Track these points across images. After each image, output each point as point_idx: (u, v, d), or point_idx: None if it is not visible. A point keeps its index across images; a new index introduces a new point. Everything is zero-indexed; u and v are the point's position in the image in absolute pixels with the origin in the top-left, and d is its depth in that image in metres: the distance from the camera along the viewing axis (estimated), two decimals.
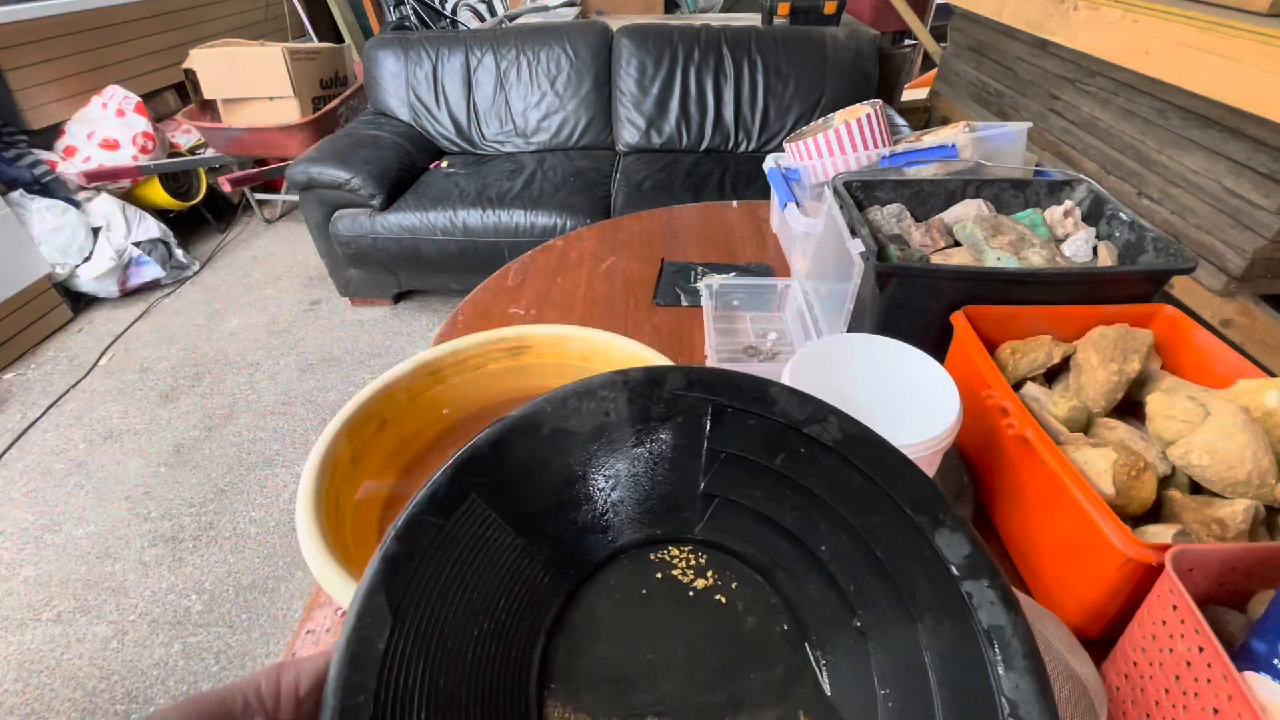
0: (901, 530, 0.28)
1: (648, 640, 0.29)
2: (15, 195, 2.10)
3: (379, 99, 2.34)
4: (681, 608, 0.29)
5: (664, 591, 0.30)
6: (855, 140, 0.97)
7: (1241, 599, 0.44)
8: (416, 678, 0.24)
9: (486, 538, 0.28)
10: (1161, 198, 1.39)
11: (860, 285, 0.67)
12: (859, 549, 0.29)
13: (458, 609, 0.26)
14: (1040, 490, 0.52)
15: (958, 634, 0.26)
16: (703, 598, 0.30)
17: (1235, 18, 1.14)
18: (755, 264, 1.08)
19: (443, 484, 0.27)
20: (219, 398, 1.94)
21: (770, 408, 0.30)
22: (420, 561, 0.26)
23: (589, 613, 0.29)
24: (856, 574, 0.29)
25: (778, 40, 2.20)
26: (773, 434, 0.29)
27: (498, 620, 0.27)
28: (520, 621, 0.28)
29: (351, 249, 2.06)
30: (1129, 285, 0.64)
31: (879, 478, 0.29)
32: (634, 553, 0.31)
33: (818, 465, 0.29)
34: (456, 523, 0.27)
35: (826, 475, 0.29)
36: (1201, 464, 0.49)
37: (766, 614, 0.30)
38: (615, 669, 0.28)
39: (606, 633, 0.29)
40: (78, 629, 1.35)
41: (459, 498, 0.27)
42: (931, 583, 0.27)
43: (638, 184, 2.03)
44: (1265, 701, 0.34)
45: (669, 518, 0.31)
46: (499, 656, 0.27)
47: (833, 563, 0.30)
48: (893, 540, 0.28)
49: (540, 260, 1.10)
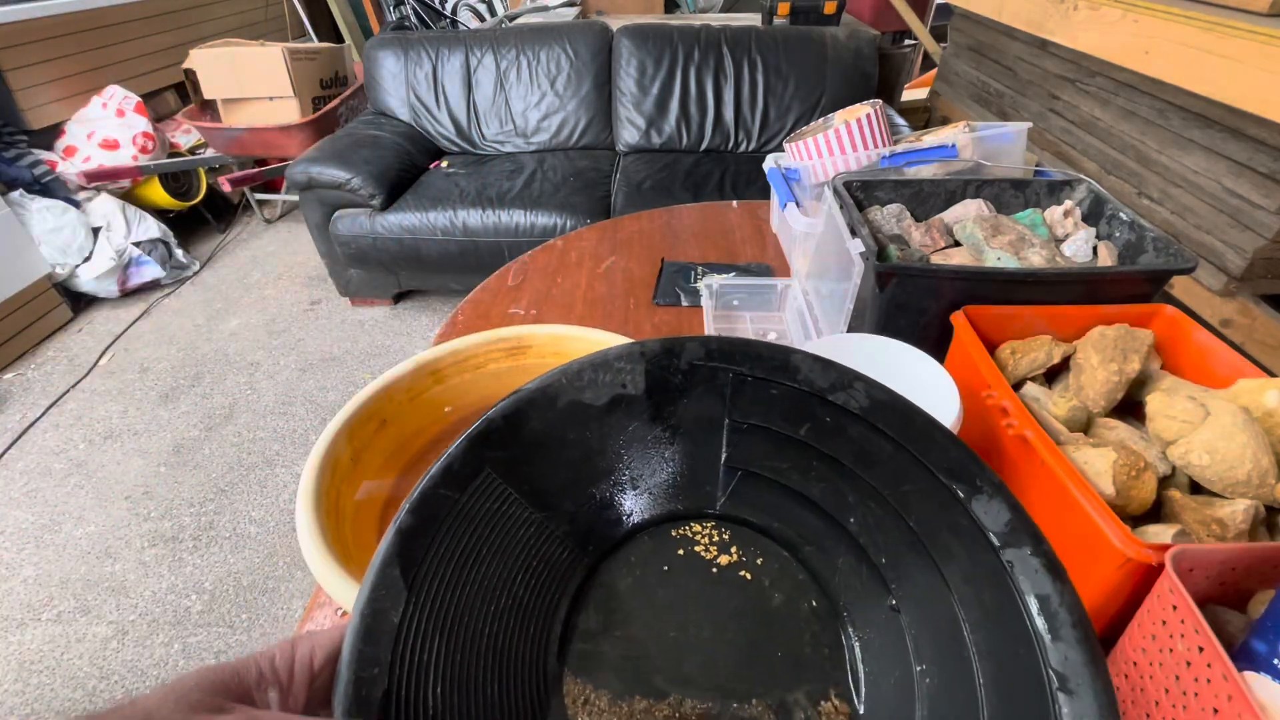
0: (935, 498, 0.27)
1: (670, 618, 0.28)
2: (15, 195, 2.10)
3: (379, 99, 2.34)
4: (705, 585, 0.29)
5: (686, 568, 0.29)
6: (855, 140, 0.97)
7: (1241, 599, 0.44)
8: (432, 652, 0.24)
9: (503, 512, 0.27)
10: (1161, 198, 1.39)
11: (860, 285, 0.67)
12: (891, 520, 0.28)
13: (474, 583, 0.26)
14: (1040, 490, 0.52)
15: (999, 605, 0.25)
16: (726, 574, 0.29)
17: (1235, 18, 1.14)
18: (755, 264, 1.08)
19: (457, 457, 0.26)
20: (219, 398, 1.94)
21: (793, 376, 0.29)
22: (435, 535, 0.25)
23: (609, 589, 0.29)
24: (889, 546, 0.28)
25: (778, 40, 2.20)
26: (796, 403, 0.28)
27: (515, 596, 0.27)
28: (539, 597, 0.27)
29: (351, 249, 2.06)
30: (1129, 285, 0.64)
31: (910, 445, 0.28)
32: (655, 529, 0.30)
33: (844, 434, 0.28)
34: (472, 497, 0.27)
35: (854, 444, 0.28)
36: (1201, 464, 0.49)
37: (794, 590, 0.29)
38: (636, 647, 0.27)
39: (627, 610, 0.28)
40: (78, 629, 1.35)
41: (474, 471, 0.27)
42: (969, 552, 0.26)
43: (638, 184, 2.03)
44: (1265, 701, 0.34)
45: (690, 493, 0.30)
46: (517, 632, 0.26)
47: (863, 535, 0.29)
48: (926, 509, 0.27)
49: (540, 260, 1.10)
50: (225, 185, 2.41)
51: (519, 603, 0.27)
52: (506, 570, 0.27)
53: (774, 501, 0.30)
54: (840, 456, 0.28)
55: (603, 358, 0.29)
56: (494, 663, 0.25)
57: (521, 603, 0.27)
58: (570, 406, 0.29)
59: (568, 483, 0.29)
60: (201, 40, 2.52)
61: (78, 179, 2.26)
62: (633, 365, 0.29)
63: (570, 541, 0.29)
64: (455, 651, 0.24)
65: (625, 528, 0.30)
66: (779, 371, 0.29)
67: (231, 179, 2.43)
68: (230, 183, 2.42)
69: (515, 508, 0.28)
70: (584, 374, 0.29)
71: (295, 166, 1.97)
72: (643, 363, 0.29)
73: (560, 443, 0.29)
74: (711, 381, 0.29)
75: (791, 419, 0.29)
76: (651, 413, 0.30)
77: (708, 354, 0.29)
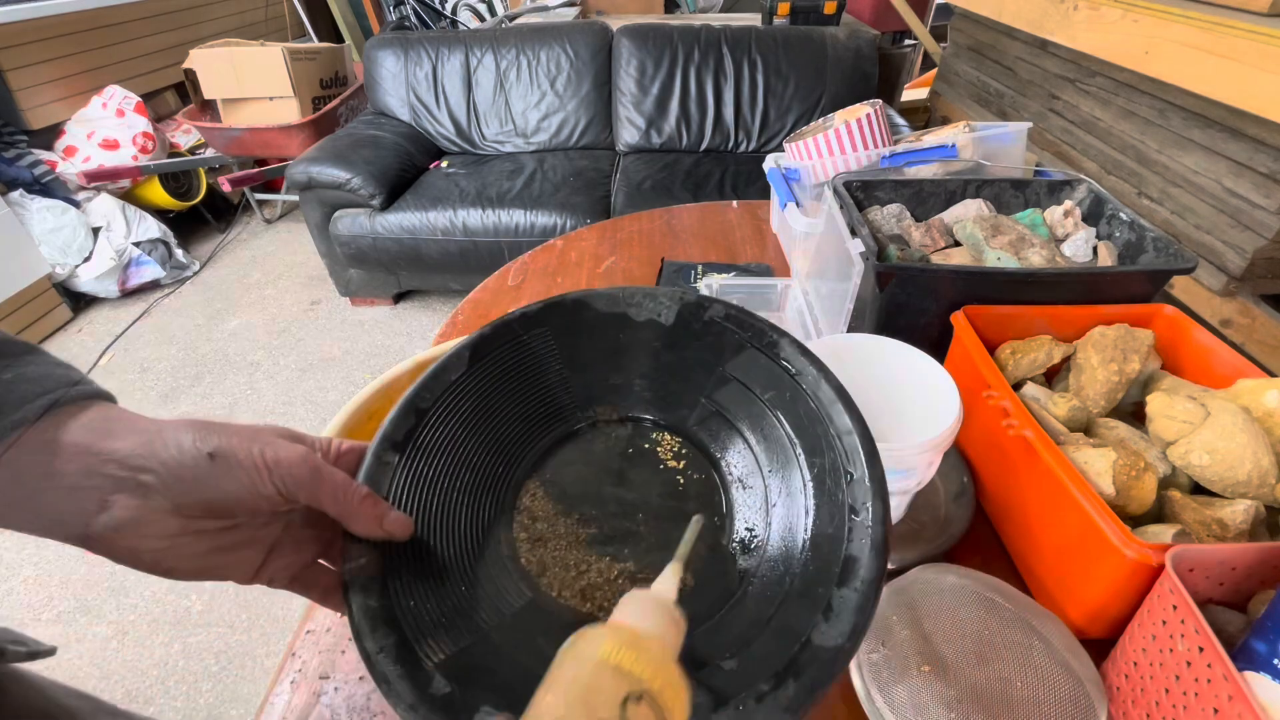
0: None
1: (611, 479, 0.38)
2: (15, 195, 2.10)
3: (379, 99, 2.34)
4: (649, 472, 0.38)
5: (643, 459, 0.39)
6: (855, 140, 0.97)
7: (1241, 599, 0.44)
8: (463, 412, 0.36)
9: (543, 359, 0.38)
10: (1161, 198, 1.39)
11: (860, 285, 0.67)
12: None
13: (505, 393, 0.37)
14: (1040, 490, 0.52)
15: (786, 388, 0.35)
16: (667, 474, 0.38)
17: (1235, 18, 1.14)
18: (755, 264, 1.08)
19: (532, 310, 0.38)
20: (219, 398, 1.94)
21: (779, 354, 0.36)
22: (496, 350, 0.37)
23: (586, 445, 0.39)
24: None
25: (778, 40, 2.20)
26: (774, 374, 0.36)
27: (525, 417, 0.38)
28: (538, 427, 0.38)
29: (351, 249, 2.06)
30: (1129, 285, 0.64)
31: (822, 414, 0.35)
32: (638, 424, 0.40)
33: (793, 404, 0.35)
34: (531, 337, 0.38)
35: (795, 414, 0.35)
36: (1201, 464, 0.49)
37: (707, 490, 0.38)
38: (581, 483, 0.38)
39: (589, 462, 0.39)
40: (78, 629, 1.35)
41: (538, 323, 0.38)
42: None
43: (638, 184, 2.03)
44: (1265, 701, 0.34)
45: (672, 410, 0.39)
46: (518, 437, 0.38)
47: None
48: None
49: (540, 260, 1.10)
50: (225, 185, 2.41)
51: (526, 418, 0.38)
52: (528, 397, 0.38)
53: (727, 438, 0.38)
54: (784, 418, 0.36)
55: (652, 291, 0.38)
56: (491, 443, 0.37)
57: (528, 419, 0.38)
58: (618, 312, 0.39)
59: (595, 362, 0.39)
60: (201, 40, 2.52)
61: (78, 179, 2.26)
62: (671, 303, 0.38)
63: (576, 402, 0.39)
64: (473, 425, 0.36)
65: (618, 414, 0.40)
66: (770, 347, 0.36)
67: (231, 179, 2.43)
68: (230, 183, 2.42)
69: (552, 361, 0.38)
70: (635, 295, 0.39)
71: (295, 166, 1.97)
72: (679, 304, 0.38)
73: (602, 332, 0.39)
74: (720, 336, 0.37)
75: (764, 384, 0.36)
76: (670, 341, 0.38)
77: (726, 316, 0.37)
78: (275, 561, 0.31)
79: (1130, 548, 0.42)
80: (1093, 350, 0.57)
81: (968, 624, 0.46)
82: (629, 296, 0.38)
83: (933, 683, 0.43)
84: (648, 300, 0.38)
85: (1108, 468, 0.48)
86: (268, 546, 0.31)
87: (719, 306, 0.37)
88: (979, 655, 0.44)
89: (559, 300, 0.38)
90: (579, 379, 0.39)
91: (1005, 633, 0.45)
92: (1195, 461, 0.49)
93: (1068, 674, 0.43)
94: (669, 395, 0.39)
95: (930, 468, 0.53)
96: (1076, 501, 0.46)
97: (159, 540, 0.27)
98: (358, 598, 0.30)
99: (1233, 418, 0.48)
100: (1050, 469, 0.48)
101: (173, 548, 0.27)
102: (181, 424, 0.28)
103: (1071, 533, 0.48)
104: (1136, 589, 0.44)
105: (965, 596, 0.48)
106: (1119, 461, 0.48)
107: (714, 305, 0.38)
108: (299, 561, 0.33)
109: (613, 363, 0.39)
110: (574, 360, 0.39)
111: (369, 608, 0.29)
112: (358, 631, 0.29)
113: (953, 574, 0.50)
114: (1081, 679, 0.43)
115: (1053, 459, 0.48)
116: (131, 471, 0.26)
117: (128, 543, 0.27)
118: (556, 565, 0.35)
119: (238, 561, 0.30)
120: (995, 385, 0.55)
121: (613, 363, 0.39)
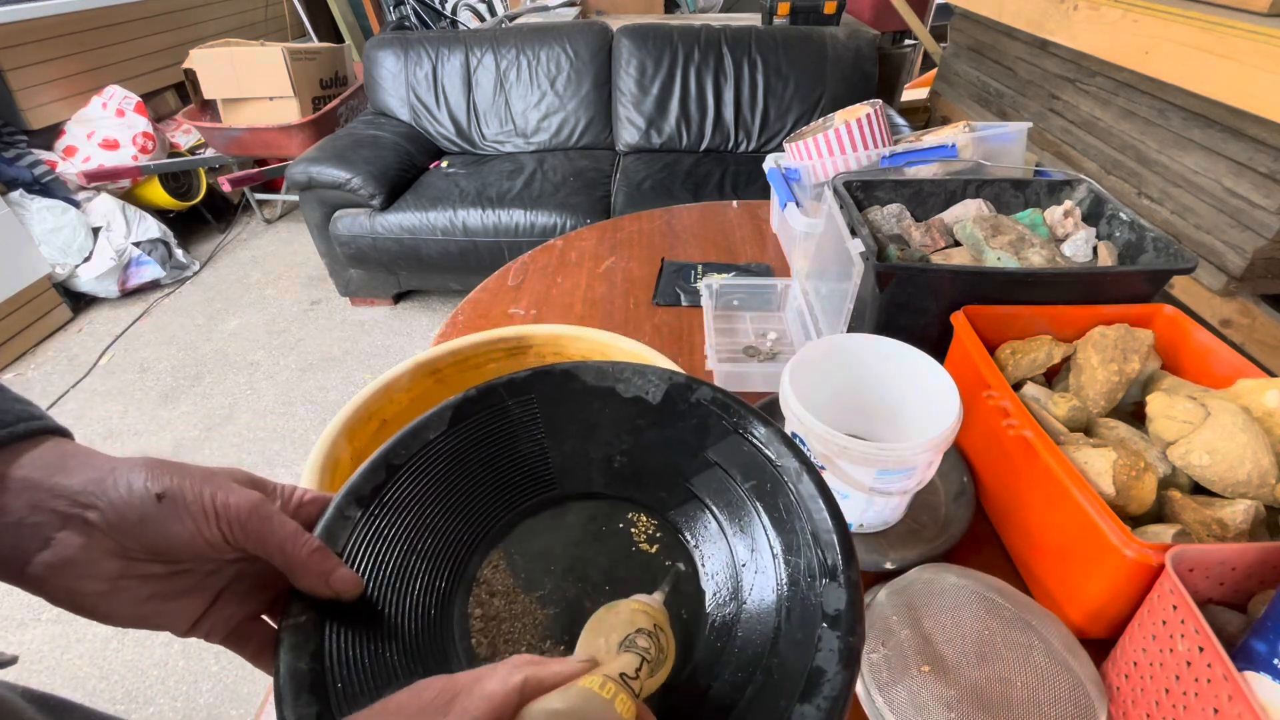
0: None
1: (579, 558, 0.36)
2: (15, 195, 2.10)
3: (379, 99, 2.34)
4: (620, 555, 0.36)
5: (617, 539, 0.37)
6: (855, 140, 0.97)
7: (1241, 599, 0.44)
8: (436, 473, 0.35)
9: (526, 427, 0.38)
10: (1161, 198, 1.39)
11: (860, 285, 0.67)
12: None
13: (482, 458, 0.37)
14: (1040, 490, 0.52)
15: (752, 460, 0.35)
16: (640, 558, 0.36)
17: (1235, 18, 1.14)
18: (755, 264, 1.08)
19: (519, 378, 0.38)
20: (219, 398, 1.94)
21: (763, 443, 0.35)
22: (479, 413, 0.37)
23: (558, 519, 0.38)
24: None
25: (778, 40, 2.20)
26: (756, 463, 0.35)
27: (499, 484, 0.37)
28: (511, 495, 0.37)
29: (351, 249, 2.06)
30: (1129, 285, 0.64)
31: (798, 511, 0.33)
32: (616, 501, 0.38)
33: (774, 497, 0.34)
34: (516, 404, 0.38)
35: (774, 507, 0.34)
36: (1202, 464, 0.49)
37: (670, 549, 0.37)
38: (547, 559, 0.36)
39: (558, 537, 0.37)
40: (78, 629, 1.35)
41: (524, 391, 0.38)
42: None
43: (638, 184, 2.03)
44: (1265, 701, 0.34)
45: (650, 491, 0.38)
46: (488, 504, 0.37)
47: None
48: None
49: (540, 260, 1.10)
50: (225, 185, 2.41)
51: (501, 486, 0.37)
52: (505, 462, 0.37)
53: (705, 525, 0.36)
54: (763, 510, 0.34)
55: (641, 368, 0.38)
56: (462, 508, 0.36)
57: (503, 486, 0.37)
58: (606, 386, 0.38)
59: (576, 433, 0.38)
60: (201, 40, 2.52)
61: (78, 179, 2.26)
62: (660, 381, 0.38)
63: (554, 472, 0.38)
64: (444, 487, 0.35)
65: (596, 487, 0.38)
66: (753, 435, 0.35)
67: (231, 179, 2.43)
68: (230, 183, 2.42)
69: (534, 429, 0.38)
70: (625, 371, 0.38)
71: (295, 166, 1.97)
72: (667, 384, 0.38)
73: (587, 405, 0.38)
74: (706, 419, 0.37)
75: (745, 473, 0.35)
76: (655, 419, 0.38)
77: (713, 399, 0.37)
78: (217, 613, 0.30)
79: (1130, 548, 0.42)
80: (1093, 350, 0.57)
81: (968, 624, 0.46)
82: (618, 371, 0.38)
83: (933, 683, 0.43)
84: (636, 377, 0.38)
85: (1108, 468, 0.48)
86: (211, 596, 0.30)
87: (706, 389, 0.37)
88: (979, 655, 0.44)
89: (548, 370, 0.38)
90: (559, 450, 0.38)
91: (1005, 633, 0.45)
92: (1195, 461, 0.49)
93: (1068, 674, 0.43)
94: (648, 475, 0.38)
95: (930, 468, 0.53)
96: (1076, 501, 0.46)
97: (98, 582, 0.26)
98: (288, 658, 0.28)
99: (1233, 418, 0.48)
100: (1050, 469, 0.48)
101: (112, 591, 0.26)
102: (137, 462, 0.27)
103: (1071, 533, 0.48)
104: (1136, 589, 0.44)
105: (965, 596, 0.48)
106: (1119, 461, 0.48)
107: (701, 388, 0.37)
108: (240, 614, 0.31)
109: (595, 437, 0.38)
110: (556, 430, 0.38)
111: (297, 671, 0.28)
112: (279, 696, 0.27)
113: (953, 574, 0.50)
114: (1081, 679, 0.43)
115: (1053, 459, 0.48)
116: (80, 508, 0.25)
117: (66, 583, 0.26)
118: (508, 650, 0.33)
119: (179, 609, 0.29)
120: (995, 385, 0.55)
121: (595, 437, 0.38)
